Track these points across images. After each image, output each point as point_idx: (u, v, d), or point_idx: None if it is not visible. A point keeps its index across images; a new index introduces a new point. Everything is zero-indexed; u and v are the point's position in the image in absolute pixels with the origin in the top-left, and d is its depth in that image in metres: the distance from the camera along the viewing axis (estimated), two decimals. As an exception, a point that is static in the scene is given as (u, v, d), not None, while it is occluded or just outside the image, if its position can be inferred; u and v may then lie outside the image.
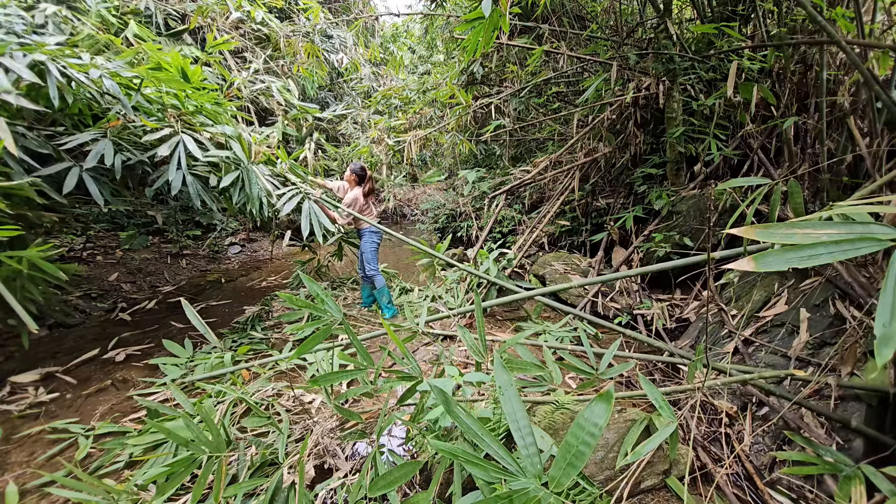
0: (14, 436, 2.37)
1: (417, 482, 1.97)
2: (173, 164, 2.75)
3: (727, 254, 2.07)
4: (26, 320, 1.92)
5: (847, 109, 3.04)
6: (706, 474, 1.91)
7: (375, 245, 4.04)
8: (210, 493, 1.74)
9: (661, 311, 3.55)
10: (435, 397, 1.57)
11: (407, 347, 1.92)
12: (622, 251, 4.37)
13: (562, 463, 0.94)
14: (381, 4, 19.67)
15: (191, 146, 2.79)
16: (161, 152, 2.68)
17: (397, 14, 5.81)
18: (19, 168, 2.39)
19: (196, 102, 3.00)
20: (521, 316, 3.92)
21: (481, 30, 2.09)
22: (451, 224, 7.12)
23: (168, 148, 2.73)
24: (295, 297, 1.76)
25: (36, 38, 2.67)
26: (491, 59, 5.66)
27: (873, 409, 1.83)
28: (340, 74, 9.01)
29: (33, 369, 2.97)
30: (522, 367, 1.87)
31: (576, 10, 5.53)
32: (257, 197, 3.24)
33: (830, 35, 2.38)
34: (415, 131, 5.80)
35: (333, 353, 2.87)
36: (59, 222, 3.35)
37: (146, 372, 3.04)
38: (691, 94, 4.15)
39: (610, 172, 5.15)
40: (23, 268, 2.31)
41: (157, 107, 2.95)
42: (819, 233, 0.84)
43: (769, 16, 3.91)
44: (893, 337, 0.70)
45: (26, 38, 2.56)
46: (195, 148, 2.77)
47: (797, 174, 3.09)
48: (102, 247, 6.03)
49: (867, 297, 2.13)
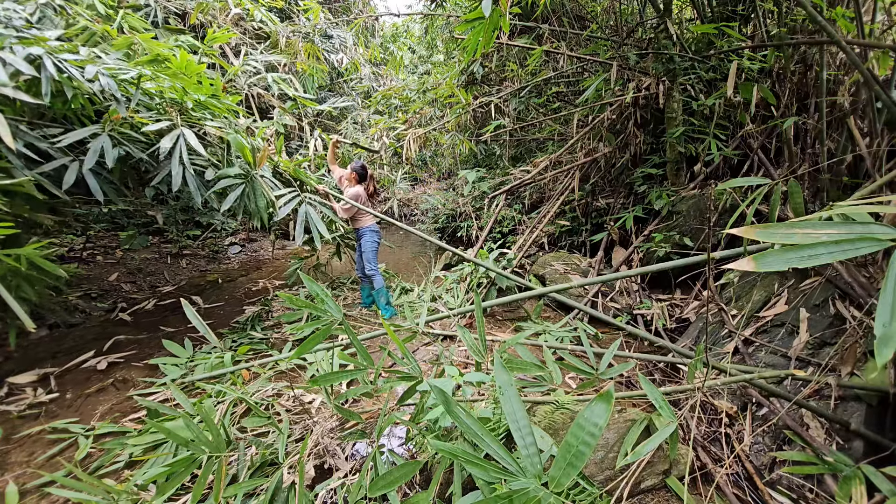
0: (14, 436, 2.37)
1: (417, 482, 1.97)
2: (175, 158, 2.72)
3: (727, 254, 2.07)
4: (24, 319, 1.91)
5: (847, 109, 3.04)
6: (706, 474, 1.91)
7: (376, 245, 4.04)
8: (210, 493, 1.74)
9: (661, 311, 3.55)
10: (435, 397, 1.57)
11: (407, 347, 1.92)
12: (622, 251, 4.37)
13: (562, 463, 0.94)
14: (381, 4, 19.65)
15: (192, 140, 2.75)
16: (163, 145, 2.66)
17: (397, 14, 5.82)
18: (20, 164, 2.38)
19: (196, 96, 2.96)
20: (521, 316, 3.92)
21: (481, 30, 2.09)
22: (451, 224, 7.12)
23: (169, 141, 2.71)
24: (295, 297, 1.76)
25: (35, 32, 2.66)
26: (491, 59, 5.66)
27: (873, 409, 1.83)
28: (340, 74, 9.01)
29: (32, 370, 2.97)
30: (522, 367, 1.87)
31: (576, 10, 5.53)
32: (265, 208, 3.24)
33: (830, 35, 2.38)
34: (414, 130, 5.79)
35: (333, 353, 2.87)
36: (58, 223, 3.34)
37: (146, 372, 3.04)
38: (691, 94, 4.15)
39: (610, 172, 5.15)
40: (21, 265, 2.30)
41: (158, 101, 2.93)
42: (819, 233, 0.84)
43: (769, 16, 3.91)
44: (893, 337, 0.70)
45: (24, 33, 2.55)
46: (196, 142, 2.74)
47: (797, 174, 3.09)
48: (102, 247, 6.04)
49: (867, 297, 2.13)
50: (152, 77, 2.81)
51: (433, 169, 11.11)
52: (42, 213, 2.86)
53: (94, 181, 2.61)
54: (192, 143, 2.76)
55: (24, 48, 2.31)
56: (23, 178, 2.33)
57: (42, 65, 2.31)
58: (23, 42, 2.38)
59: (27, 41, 2.41)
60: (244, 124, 3.73)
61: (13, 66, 2.23)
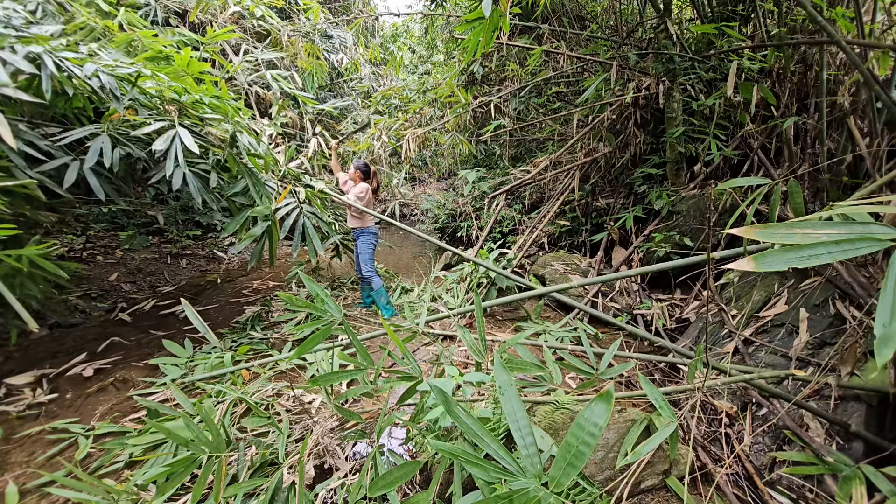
0: (14, 436, 2.37)
1: (417, 482, 1.97)
2: (170, 158, 2.70)
3: (727, 254, 2.07)
4: (28, 320, 1.91)
5: (847, 109, 3.04)
6: (706, 474, 1.91)
7: (372, 247, 4.03)
8: (210, 493, 1.74)
9: (661, 311, 3.55)
10: (435, 397, 1.57)
11: (407, 347, 1.92)
12: (622, 251, 4.37)
13: (562, 463, 0.94)
14: (381, 4, 19.63)
15: (187, 140, 2.73)
16: (157, 146, 2.65)
17: (397, 14, 5.81)
18: (22, 164, 2.38)
19: (197, 96, 2.95)
20: (521, 316, 3.92)
21: (481, 30, 2.09)
22: (451, 224, 7.12)
23: (164, 142, 2.69)
24: (295, 298, 1.76)
25: (35, 30, 2.64)
26: (491, 60, 5.66)
27: (873, 409, 1.83)
28: (340, 74, 9.01)
29: (32, 369, 2.97)
30: (522, 367, 1.87)
31: (576, 10, 5.53)
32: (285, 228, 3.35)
33: (830, 35, 2.38)
34: (413, 129, 5.79)
35: (333, 353, 2.87)
36: (58, 222, 3.33)
37: (146, 372, 3.04)
38: (691, 94, 4.15)
39: (610, 172, 5.15)
40: (22, 266, 2.30)
41: (157, 100, 2.91)
42: (819, 233, 0.84)
43: (769, 16, 3.91)
44: (893, 337, 0.70)
45: (24, 32, 2.54)
46: (191, 142, 2.72)
47: (797, 174, 3.09)
48: (102, 247, 6.03)
49: (867, 297, 2.13)
50: (152, 76, 2.80)
51: (433, 169, 11.11)
52: (42, 212, 2.86)
53: (94, 180, 2.60)
54: (188, 142, 2.71)
55: (24, 47, 2.31)
56: (26, 179, 2.32)
57: (42, 63, 2.30)
58: (22, 41, 2.38)
59: (27, 40, 2.41)
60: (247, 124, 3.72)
61: (13, 65, 2.22)
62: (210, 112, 3.08)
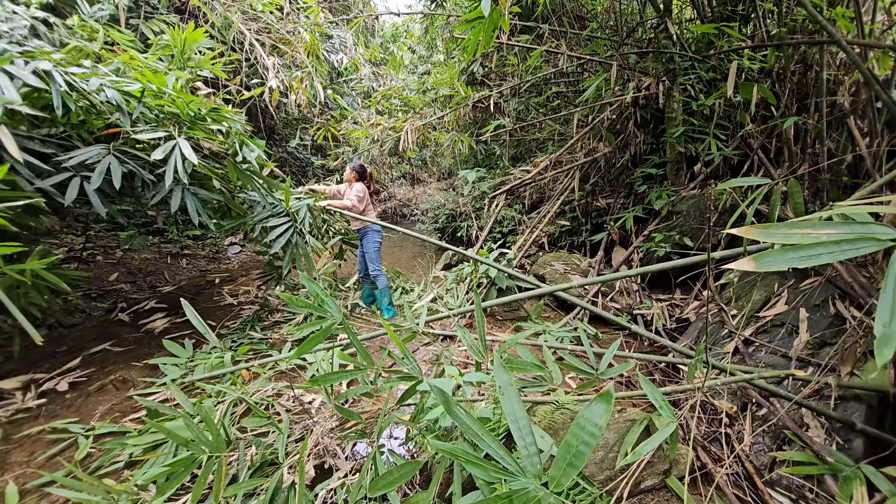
0: (14, 436, 2.37)
1: (417, 482, 1.97)
2: (169, 169, 2.68)
3: (727, 254, 2.07)
4: (30, 331, 1.91)
5: (847, 109, 3.04)
6: (706, 474, 1.91)
7: (378, 244, 4.03)
8: (210, 493, 1.74)
9: (661, 311, 3.55)
10: (435, 397, 1.57)
11: (407, 347, 1.92)
12: (622, 251, 4.37)
13: (562, 463, 0.94)
14: (381, 4, 19.66)
15: (186, 150, 2.69)
16: (155, 155, 2.63)
17: (397, 14, 5.81)
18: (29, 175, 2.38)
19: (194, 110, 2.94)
20: (521, 316, 3.92)
21: (481, 29, 2.09)
22: (451, 224, 7.12)
23: (163, 152, 2.65)
24: (295, 298, 1.76)
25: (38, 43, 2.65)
26: (491, 59, 5.66)
27: (873, 409, 1.83)
28: (340, 74, 9.01)
29: (30, 371, 2.97)
30: (522, 367, 1.87)
31: (576, 10, 5.53)
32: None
33: (830, 35, 2.38)
34: (412, 121, 5.76)
35: (333, 353, 2.87)
36: (58, 224, 3.33)
37: (146, 372, 3.04)
38: (691, 94, 4.15)
39: (610, 172, 5.15)
40: (26, 279, 2.31)
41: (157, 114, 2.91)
42: (819, 233, 0.84)
43: (769, 16, 3.91)
44: (893, 337, 0.70)
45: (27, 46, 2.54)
46: (191, 153, 2.71)
47: (797, 174, 3.09)
48: (102, 247, 6.03)
49: (867, 297, 2.13)
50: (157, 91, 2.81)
51: (433, 169, 11.11)
52: (46, 218, 2.86)
53: (96, 198, 2.60)
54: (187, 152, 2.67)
55: (31, 62, 2.32)
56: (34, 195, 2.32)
57: (52, 78, 2.31)
58: (26, 55, 2.39)
59: (31, 54, 2.42)
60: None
61: (21, 79, 2.23)
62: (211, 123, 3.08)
